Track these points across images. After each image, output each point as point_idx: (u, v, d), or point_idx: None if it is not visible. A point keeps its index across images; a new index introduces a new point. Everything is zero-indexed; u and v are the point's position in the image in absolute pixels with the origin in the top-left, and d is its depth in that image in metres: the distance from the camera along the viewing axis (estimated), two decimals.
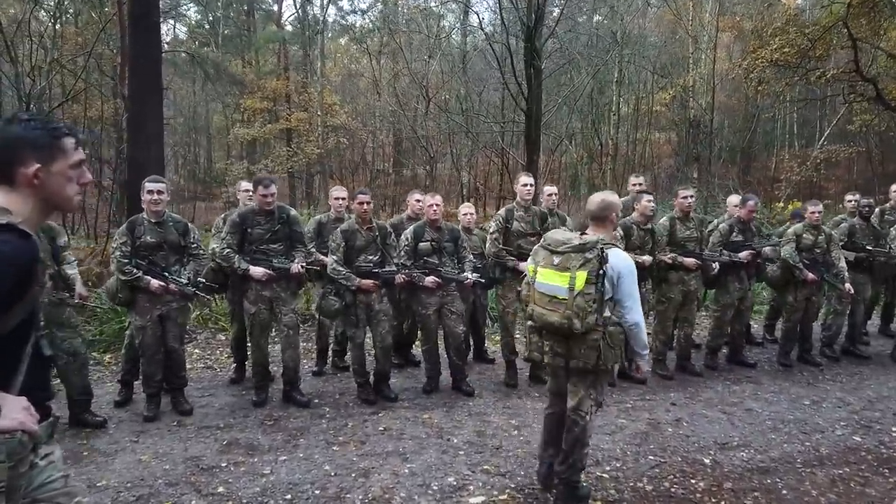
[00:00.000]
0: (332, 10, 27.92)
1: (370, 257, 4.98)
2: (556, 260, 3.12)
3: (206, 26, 30.51)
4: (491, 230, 5.40)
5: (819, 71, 14.89)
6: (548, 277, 3.16)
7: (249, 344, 5.26)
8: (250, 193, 5.55)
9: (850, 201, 7.11)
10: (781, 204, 16.75)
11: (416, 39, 21.44)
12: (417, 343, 6.09)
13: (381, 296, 5.01)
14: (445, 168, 23.93)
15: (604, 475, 3.86)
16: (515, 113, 16.12)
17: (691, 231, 5.79)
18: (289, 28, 30.10)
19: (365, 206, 4.94)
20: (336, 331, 5.88)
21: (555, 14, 14.28)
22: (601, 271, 3.03)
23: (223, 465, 3.90)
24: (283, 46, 27.85)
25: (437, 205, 5.28)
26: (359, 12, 29.92)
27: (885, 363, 6.44)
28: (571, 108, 17.97)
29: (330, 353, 5.99)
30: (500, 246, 5.32)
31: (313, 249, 5.42)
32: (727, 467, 3.99)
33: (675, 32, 24.56)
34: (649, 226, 5.49)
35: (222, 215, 5.91)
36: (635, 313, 3.16)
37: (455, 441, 4.32)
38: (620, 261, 3.13)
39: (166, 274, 4.53)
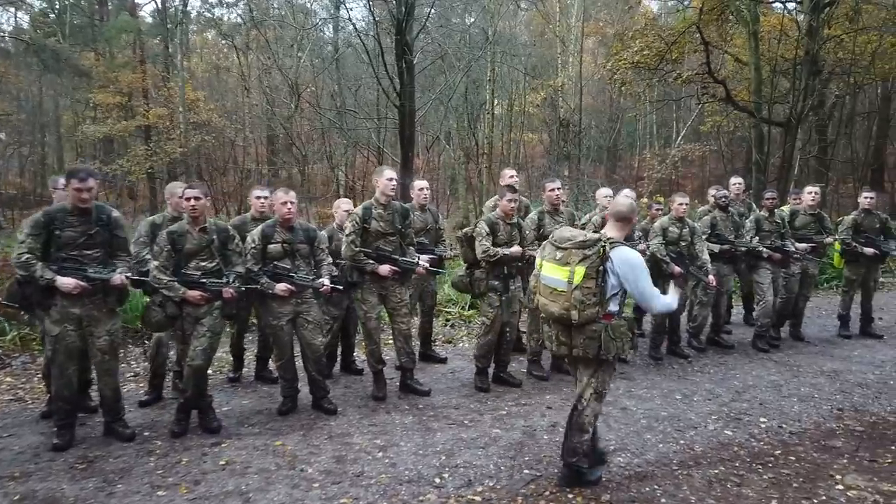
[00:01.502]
0: (196, 1, 26.11)
1: (203, 263, 4.30)
2: (559, 255, 3.36)
3: (52, 15, 27.55)
4: (347, 231, 4.87)
5: (675, 73, 15.66)
6: (550, 271, 3.39)
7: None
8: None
9: (711, 195, 7.30)
10: (646, 200, 17.52)
11: (287, 35, 20.43)
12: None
13: (212, 308, 4.32)
14: (324, 168, 23.09)
15: (475, 497, 3.47)
16: (389, 110, 15.68)
17: (561, 225, 5.57)
18: (149, 19, 27.93)
19: (194, 203, 4.26)
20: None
21: (426, 10, 13.94)
22: (601, 268, 3.23)
23: None
24: (139, 37, 25.67)
25: (290, 202, 4.69)
26: (225, 5, 28.22)
27: (749, 352, 6.61)
28: (446, 106, 17.78)
29: (171, 375, 5.21)
30: (357, 248, 4.81)
31: (147, 256, 4.64)
32: (605, 476, 3.73)
33: (543, 34, 25.27)
34: (515, 220, 5.19)
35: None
36: (655, 303, 3.41)
37: (309, 471, 3.76)
38: (623, 259, 3.28)
39: None
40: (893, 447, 4.17)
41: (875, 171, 20.26)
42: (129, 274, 4.11)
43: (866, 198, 7.01)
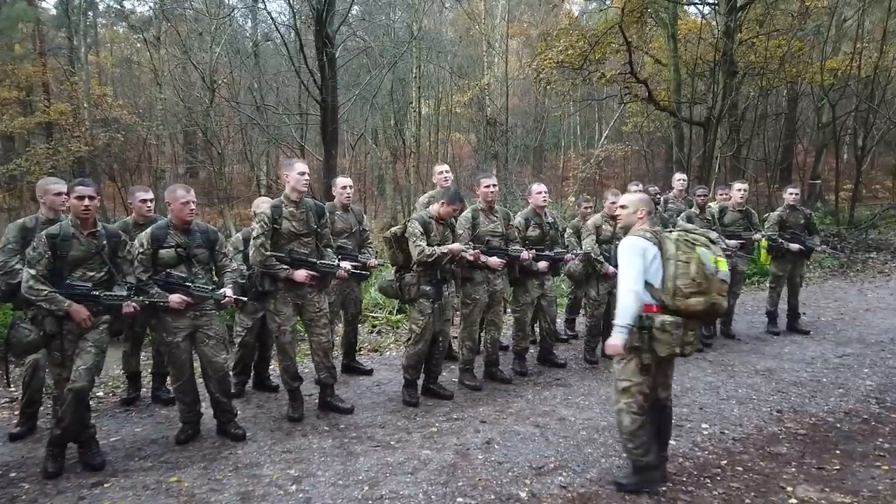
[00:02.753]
0: None
1: (91, 273, 3.69)
2: (716, 249, 3.33)
3: None
4: (254, 234, 4.31)
5: (599, 73, 15.75)
6: (723, 265, 3.29)
7: None
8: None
9: (634, 191, 7.17)
10: (572, 199, 17.58)
11: (201, 27, 19.32)
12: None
13: (99, 321, 3.70)
14: (244, 168, 22.06)
15: None
16: (311, 106, 15.01)
17: (496, 224, 5.23)
18: (53, 11, 25.94)
19: (88, 203, 3.64)
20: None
21: (347, 2, 13.36)
22: None
23: None
24: (38, 28, 23.79)
25: (192, 201, 4.10)
26: None
27: None
28: (371, 103, 17.25)
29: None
30: (268, 253, 4.28)
31: (17, 266, 3.96)
32: (545, 500, 3.38)
33: (469, 33, 25.15)
34: (448, 221, 4.80)
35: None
36: None
37: None
38: None
39: None
40: (838, 451, 4.03)
41: (784, 169, 21.15)
42: None
43: (791, 194, 7.04)
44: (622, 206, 3.62)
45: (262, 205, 4.71)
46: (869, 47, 16.99)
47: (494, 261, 5.06)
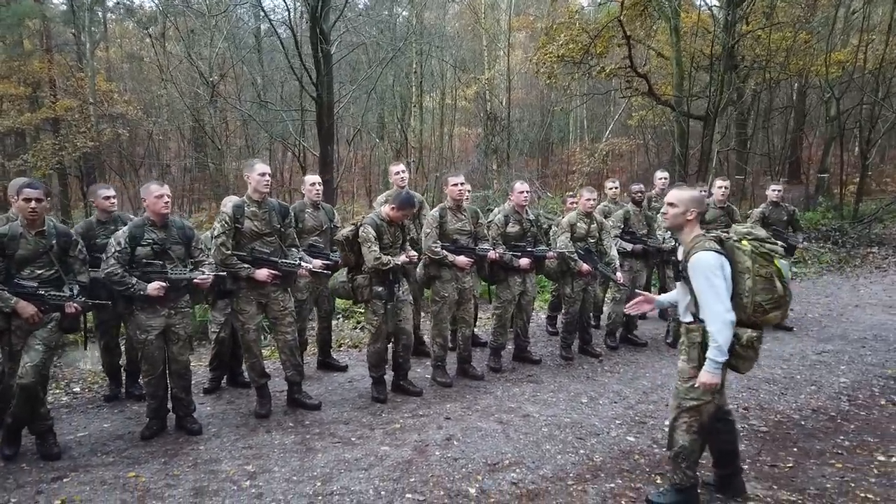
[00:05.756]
0: None
1: (39, 271, 3.77)
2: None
3: None
4: (216, 233, 4.38)
5: (599, 67, 15.66)
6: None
7: None
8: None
9: (610, 188, 7.21)
10: (569, 194, 17.54)
11: (203, 23, 19.44)
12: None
13: (48, 318, 3.80)
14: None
15: None
16: (308, 102, 15.07)
17: (464, 223, 5.25)
18: (62, 7, 26.19)
19: (35, 205, 3.72)
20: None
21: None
22: None
23: None
24: (45, 24, 24.04)
25: (167, 196, 4.17)
26: None
27: (661, 348, 6.48)
28: (368, 97, 17.27)
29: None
30: (229, 251, 4.33)
31: None
32: (493, 496, 3.42)
33: (474, 27, 25.07)
34: (400, 222, 4.83)
35: None
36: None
37: None
38: None
39: None
40: (795, 448, 4.03)
41: (792, 163, 20.93)
42: None
43: (774, 190, 7.00)
44: (670, 204, 3.17)
45: (228, 204, 4.77)
46: (875, 40, 16.75)
47: (462, 259, 5.09)
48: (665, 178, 7.39)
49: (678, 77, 15.72)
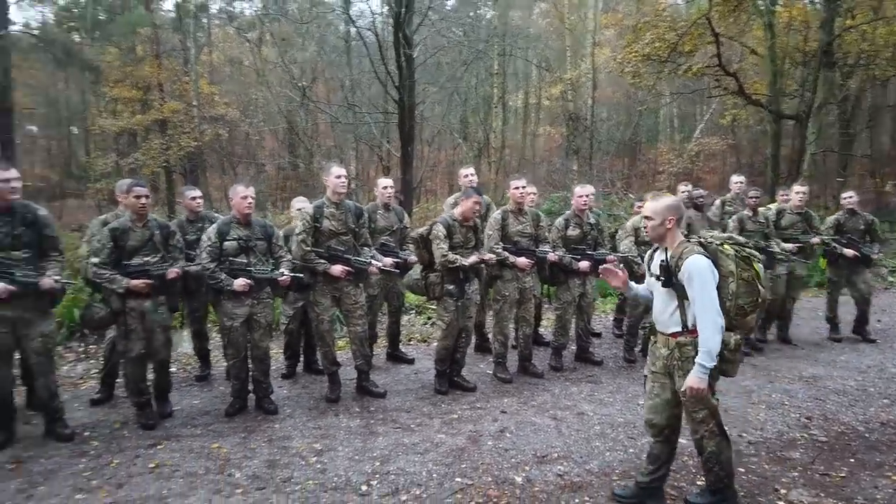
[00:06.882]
0: None
1: (147, 258, 4.33)
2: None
3: (76, 10, 28.03)
4: (297, 230, 4.80)
5: (686, 65, 15.28)
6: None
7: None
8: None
9: (683, 192, 7.12)
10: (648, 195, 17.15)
11: (294, 29, 20.45)
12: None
13: (159, 302, 4.34)
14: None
15: None
16: (391, 105, 15.59)
17: (525, 225, 5.44)
18: (171, 14, 28.23)
19: (143, 201, 4.28)
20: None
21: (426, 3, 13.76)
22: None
23: None
24: (155, 32, 25.96)
25: (251, 197, 4.64)
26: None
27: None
28: (450, 100, 17.62)
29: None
30: (308, 248, 4.73)
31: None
32: (538, 485, 3.62)
33: (558, 27, 24.91)
34: (472, 222, 5.07)
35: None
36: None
37: (237, 476, 3.71)
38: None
39: None
40: (852, 459, 3.98)
41: None
42: (58, 277, 4.05)
43: (846, 198, 6.76)
44: (647, 217, 3.19)
45: (298, 203, 5.18)
46: None
47: (522, 261, 5.29)
48: (741, 183, 7.25)
49: (772, 75, 15.09)
